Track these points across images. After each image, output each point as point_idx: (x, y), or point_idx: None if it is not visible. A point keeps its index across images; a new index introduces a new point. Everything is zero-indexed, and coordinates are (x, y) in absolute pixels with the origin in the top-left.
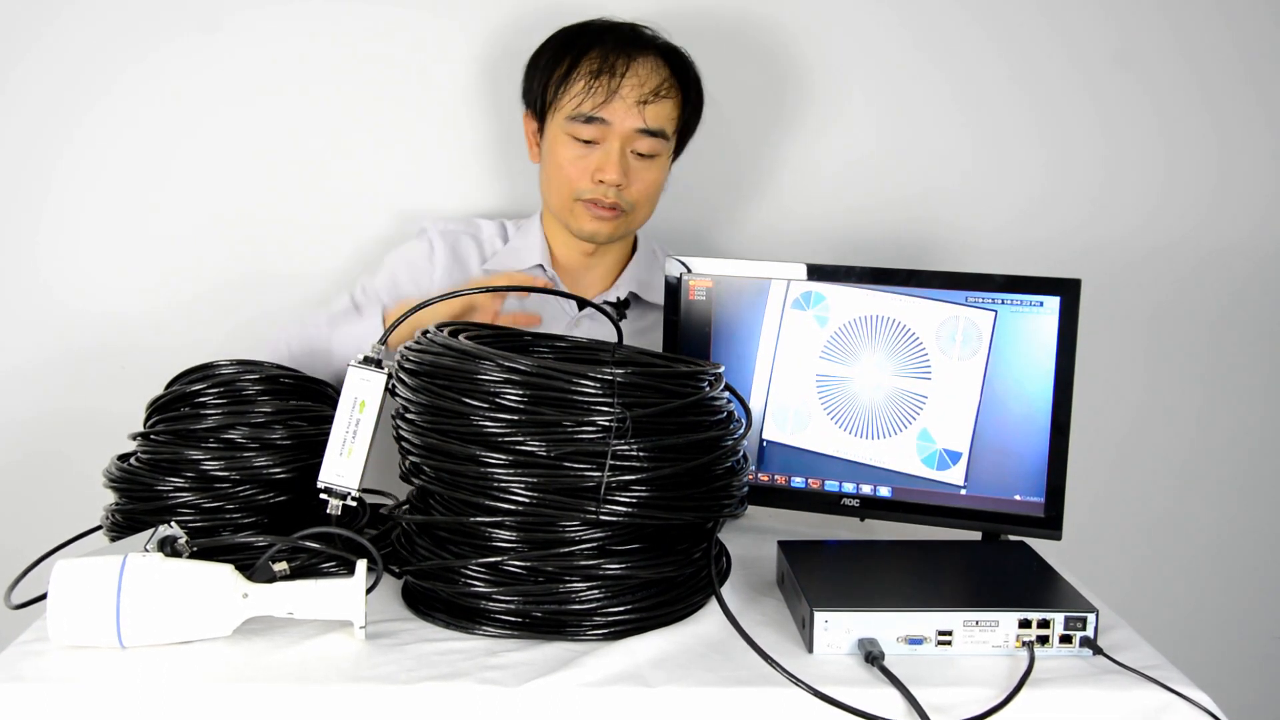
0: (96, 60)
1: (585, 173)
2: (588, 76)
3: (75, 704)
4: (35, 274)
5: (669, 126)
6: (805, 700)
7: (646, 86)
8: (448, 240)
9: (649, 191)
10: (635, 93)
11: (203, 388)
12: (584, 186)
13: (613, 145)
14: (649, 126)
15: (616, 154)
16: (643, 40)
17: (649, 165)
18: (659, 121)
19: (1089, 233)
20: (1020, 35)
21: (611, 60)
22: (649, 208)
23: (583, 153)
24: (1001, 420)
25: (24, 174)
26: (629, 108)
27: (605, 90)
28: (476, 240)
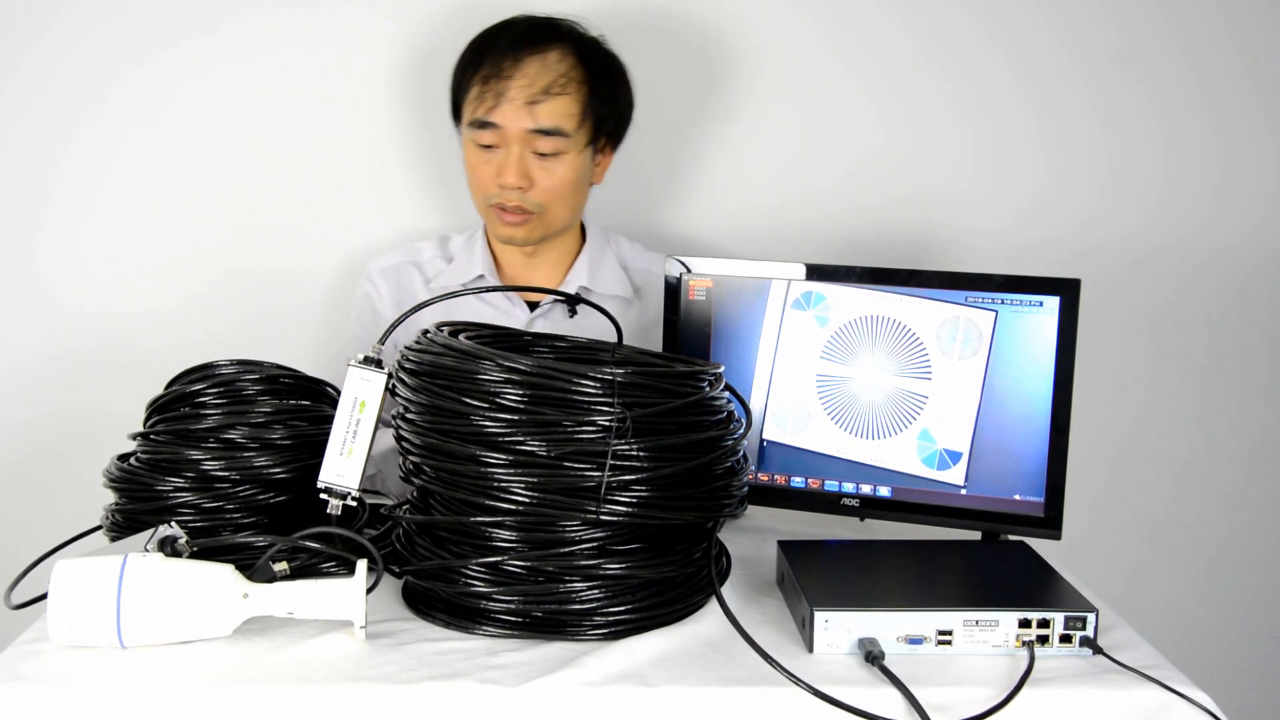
0: (97, 62)
1: (490, 177)
2: (480, 82)
3: (75, 704)
4: (35, 274)
5: (567, 123)
6: (805, 700)
7: (536, 86)
8: (389, 276)
9: (558, 190)
10: (524, 94)
11: (203, 388)
12: (491, 192)
13: (510, 148)
14: (541, 126)
15: (514, 157)
16: (539, 37)
17: (552, 164)
18: (553, 119)
19: (1089, 233)
20: (1021, 36)
21: (498, 63)
22: (565, 206)
23: (486, 157)
24: (1001, 420)
25: (24, 175)
26: (518, 109)
27: (494, 94)
28: (417, 265)
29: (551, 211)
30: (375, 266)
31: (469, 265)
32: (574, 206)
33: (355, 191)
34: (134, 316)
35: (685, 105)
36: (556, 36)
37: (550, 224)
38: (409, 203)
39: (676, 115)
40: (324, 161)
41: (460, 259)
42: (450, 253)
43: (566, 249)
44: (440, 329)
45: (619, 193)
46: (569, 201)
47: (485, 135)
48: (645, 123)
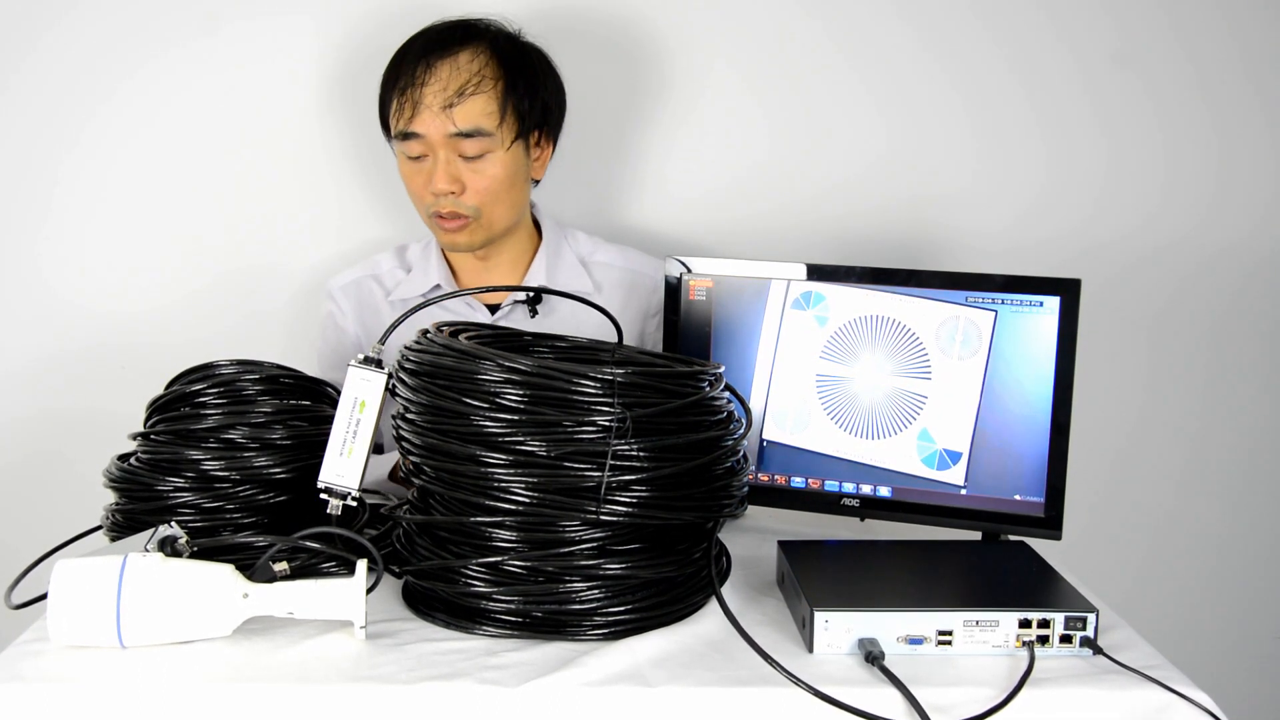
0: (97, 64)
1: (424, 188)
2: (397, 94)
3: (75, 704)
4: (36, 274)
5: (487, 122)
6: (805, 700)
7: (450, 89)
8: (349, 293)
9: (491, 190)
10: (439, 99)
11: (203, 388)
12: (428, 201)
13: (437, 155)
14: (461, 129)
15: (442, 164)
16: (448, 40)
17: (482, 165)
18: (471, 120)
19: (1090, 233)
20: (1021, 35)
21: (411, 72)
22: (505, 205)
23: (416, 168)
24: (1002, 420)
25: (25, 176)
26: (435, 115)
27: (411, 103)
28: (376, 278)
29: (488, 213)
30: (335, 284)
31: (425, 275)
32: (513, 204)
33: (356, 191)
34: (134, 316)
35: (686, 106)
36: (467, 37)
37: (491, 225)
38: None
39: (676, 116)
40: (325, 161)
41: (417, 268)
42: (408, 263)
43: (522, 249)
44: (440, 329)
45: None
46: (505, 200)
47: (411, 146)
48: (646, 122)
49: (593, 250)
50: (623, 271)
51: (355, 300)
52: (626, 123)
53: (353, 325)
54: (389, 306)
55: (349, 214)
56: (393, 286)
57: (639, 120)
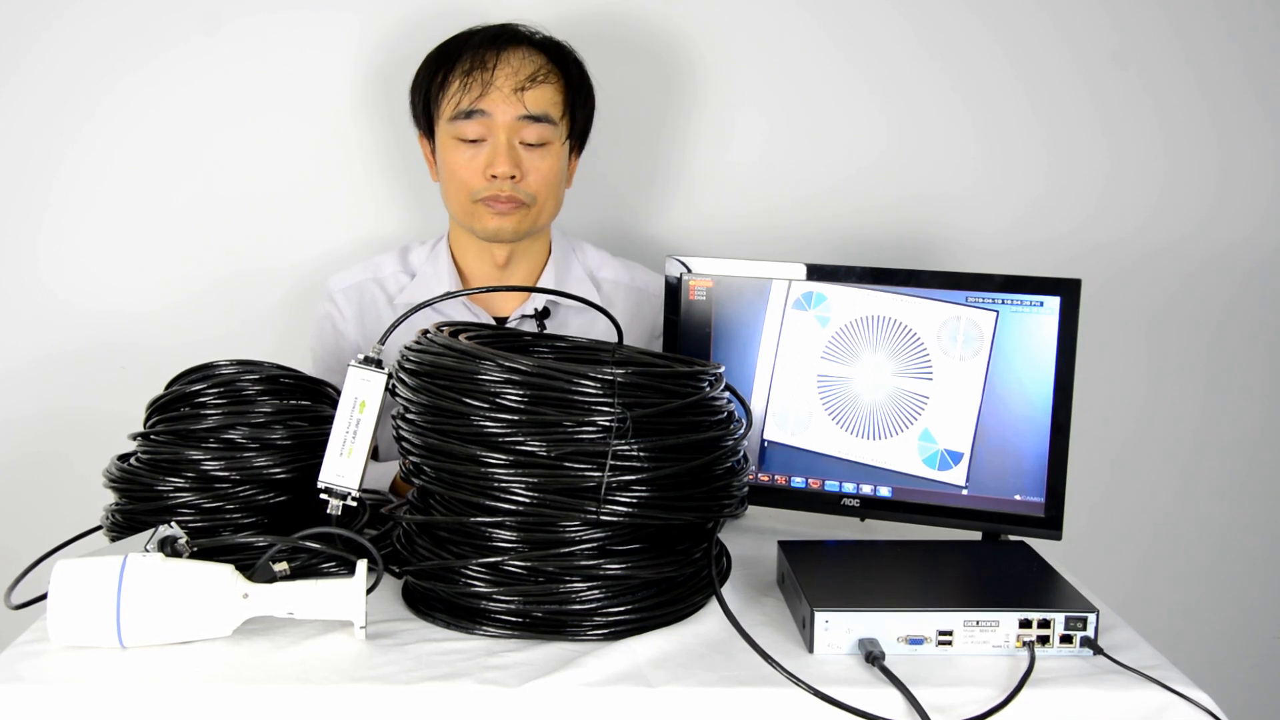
0: (97, 64)
1: (478, 172)
2: (461, 76)
3: (75, 704)
4: (36, 275)
5: (554, 111)
6: (806, 700)
7: (522, 73)
8: (350, 297)
9: (547, 180)
10: (511, 81)
11: (203, 388)
12: (479, 186)
13: (499, 138)
14: (531, 112)
15: (504, 146)
16: (512, 34)
17: (541, 154)
18: (541, 105)
19: (1090, 233)
20: (1021, 35)
21: (482, 55)
22: (552, 201)
23: (472, 153)
24: (1002, 420)
25: (25, 176)
26: (507, 96)
27: (480, 83)
28: (379, 282)
29: (541, 203)
30: (336, 286)
31: (434, 280)
32: (557, 203)
33: (356, 190)
34: (134, 316)
35: (687, 106)
36: (525, 37)
37: (538, 217)
38: (407, 200)
39: (676, 116)
40: (325, 161)
41: (424, 273)
42: (412, 267)
43: (535, 261)
44: (440, 329)
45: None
46: (555, 196)
47: (471, 128)
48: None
49: (600, 265)
50: (629, 289)
51: (357, 304)
52: (626, 122)
53: (353, 330)
54: (392, 311)
55: (349, 214)
56: (396, 291)
57: (638, 120)
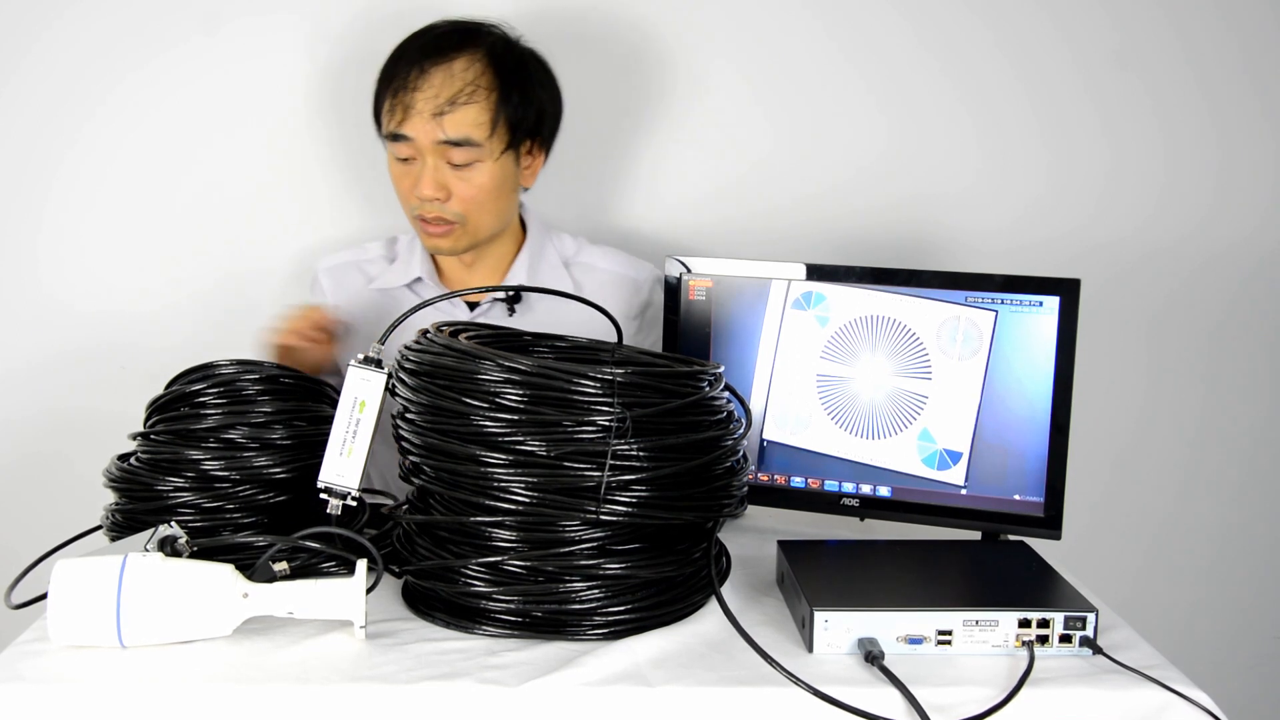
0: (97, 64)
1: (410, 191)
2: (390, 95)
3: (75, 704)
4: (36, 275)
5: (477, 132)
6: (805, 700)
7: (441, 96)
8: (333, 275)
9: (477, 199)
10: (430, 105)
11: (203, 387)
12: (413, 203)
13: (425, 160)
14: (450, 136)
15: (429, 169)
16: (446, 45)
17: (468, 174)
18: (460, 130)
19: (1090, 233)
20: (1022, 36)
21: (405, 75)
22: (490, 213)
23: (405, 170)
24: (1002, 420)
25: (25, 175)
26: (425, 121)
27: (402, 107)
28: (360, 265)
29: (474, 220)
30: (323, 265)
31: (408, 267)
32: (499, 213)
33: (356, 190)
34: (134, 316)
35: (687, 106)
36: (464, 42)
37: (476, 232)
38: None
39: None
40: (325, 160)
41: (401, 259)
42: (395, 253)
43: (506, 249)
44: (440, 329)
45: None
46: (491, 209)
47: (400, 148)
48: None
49: (576, 251)
50: (605, 274)
51: (337, 283)
52: (627, 123)
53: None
54: (369, 295)
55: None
56: (375, 275)
57: (639, 120)
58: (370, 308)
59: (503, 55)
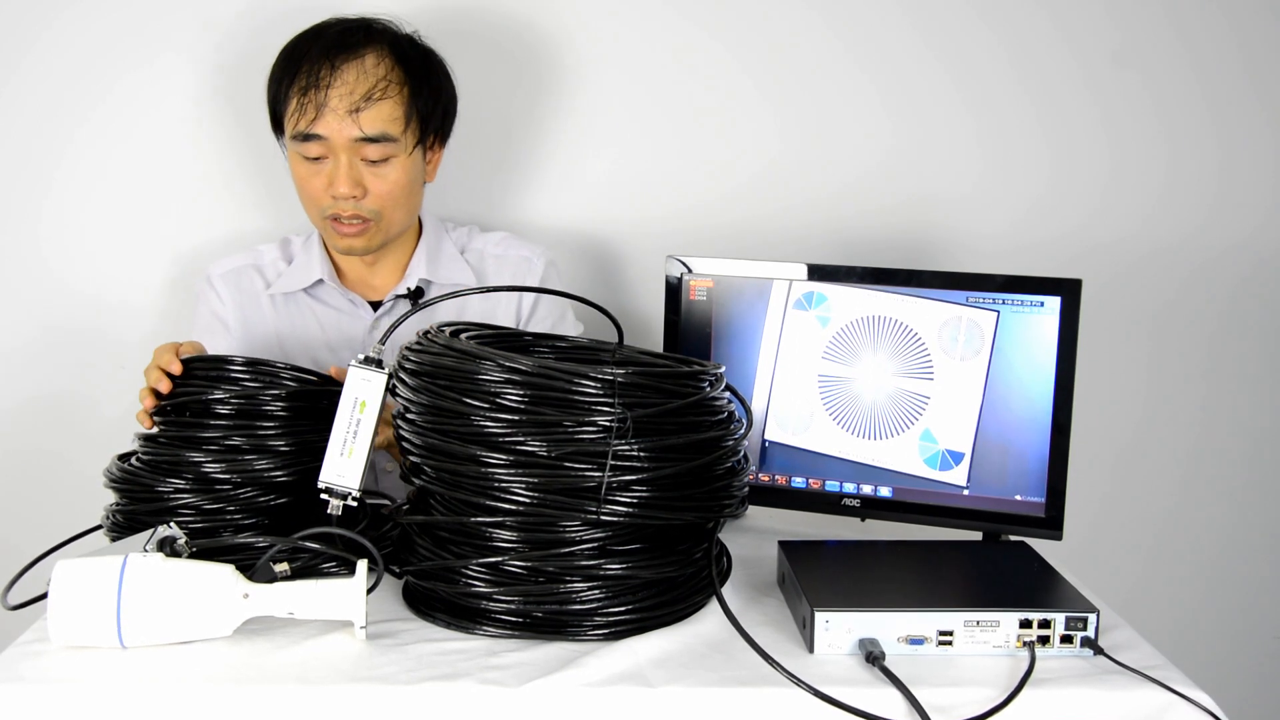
0: (99, 59)
1: (321, 189)
2: (298, 94)
3: (76, 704)
4: (36, 274)
5: (392, 127)
6: (806, 700)
7: (357, 93)
8: (229, 281)
9: (392, 194)
10: (345, 102)
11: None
12: (325, 203)
13: (339, 158)
14: (367, 134)
15: (344, 167)
16: (352, 42)
17: (383, 170)
18: (377, 125)
19: (1091, 233)
20: (1023, 36)
21: (315, 72)
22: (402, 209)
23: (315, 169)
24: (1003, 421)
25: (25, 175)
26: (341, 119)
27: (314, 105)
28: (258, 269)
29: (388, 217)
30: (216, 271)
31: (307, 268)
32: (410, 209)
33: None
34: (134, 316)
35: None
36: (370, 39)
37: (389, 229)
38: None
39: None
40: None
41: (299, 260)
42: (290, 254)
43: (404, 247)
44: (441, 329)
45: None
46: (404, 205)
47: (311, 148)
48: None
49: (469, 239)
50: (499, 259)
51: (234, 288)
52: (628, 122)
53: (232, 315)
54: (269, 299)
55: None
56: (273, 278)
57: (640, 120)
58: (271, 312)
59: (408, 51)
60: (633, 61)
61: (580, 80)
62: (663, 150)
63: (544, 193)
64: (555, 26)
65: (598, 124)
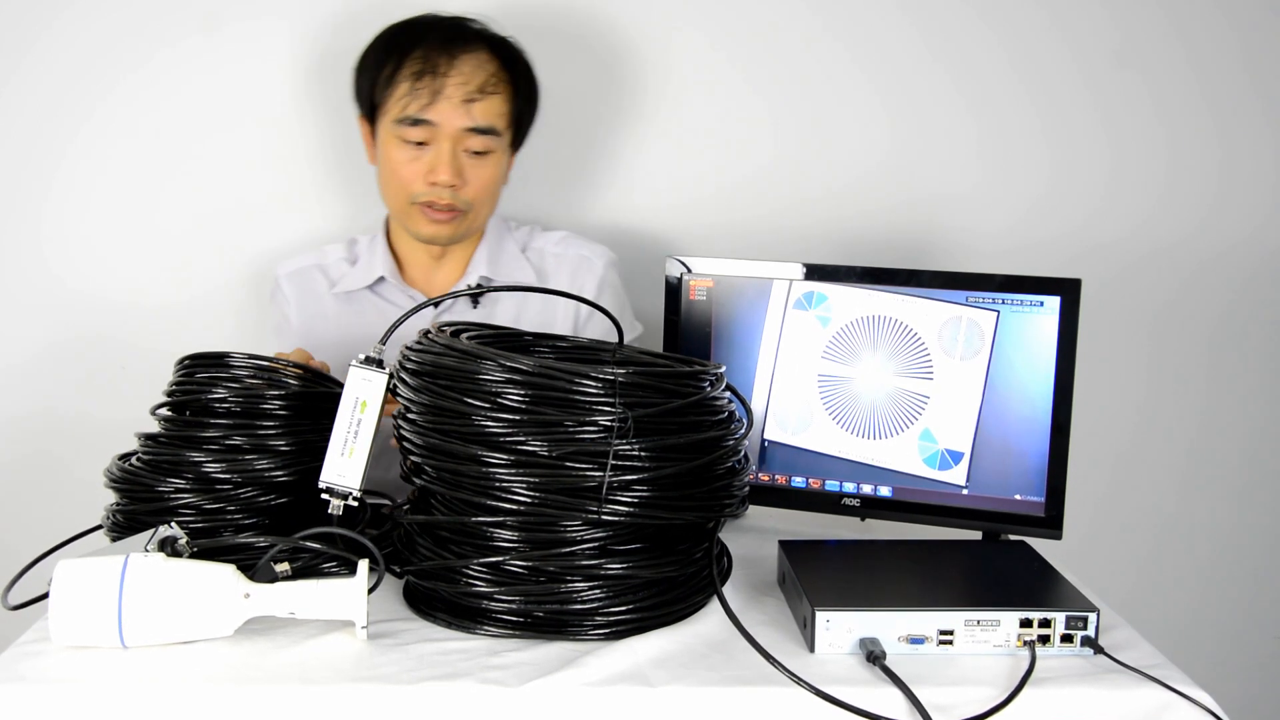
0: (98, 62)
1: (418, 175)
2: (411, 78)
3: (77, 704)
4: (37, 274)
5: (499, 122)
6: (807, 700)
7: (472, 84)
8: (294, 280)
9: (486, 188)
10: (460, 91)
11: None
12: (419, 189)
13: (443, 146)
14: (478, 124)
15: (448, 155)
16: (467, 35)
17: (483, 162)
18: (488, 118)
19: (1091, 233)
20: (1023, 36)
21: (434, 60)
22: (489, 205)
23: (414, 155)
24: (1003, 420)
25: (25, 175)
26: (455, 107)
27: (429, 91)
28: (322, 268)
29: (478, 210)
30: (282, 271)
31: (370, 267)
32: (493, 206)
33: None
34: (135, 316)
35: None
36: (480, 36)
37: (473, 222)
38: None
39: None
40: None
41: (363, 260)
42: (355, 255)
43: (469, 243)
44: (441, 329)
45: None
46: (491, 200)
47: (416, 132)
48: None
49: (530, 238)
50: (559, 258)
51: (299, 288)
52: (629, 122)
53: (294, 314)
54: (333, 299)
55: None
56: (337, 278)
57: (640, 120)
58: (333, 310)
59: (512, 55)
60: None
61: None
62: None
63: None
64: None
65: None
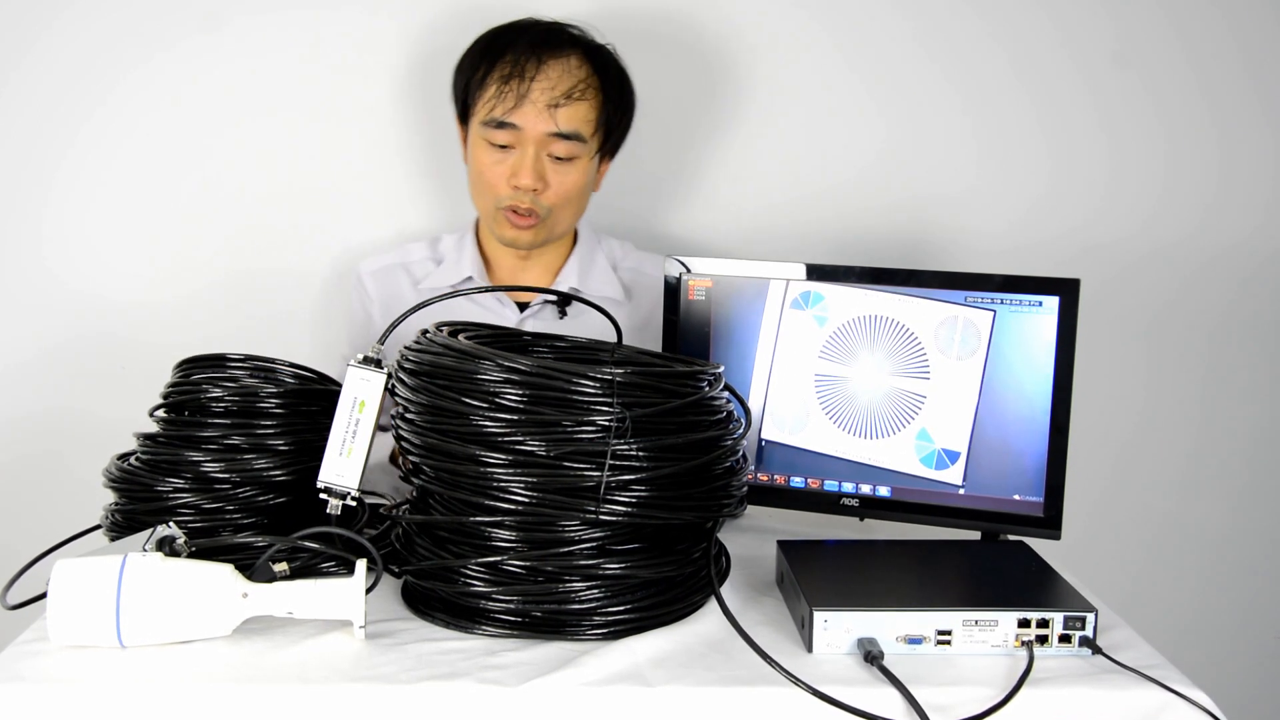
0: (100, 58)
1: (502, 178)
2: (499, 81)
3: (75, 704)
4: (36, 274)
5: (585, 129)
6: (805, 700)
7: (558, 89)
8: (378, 279)
9: (569, 194)
10: (546, 96)
11: (220, 394)
12: (503, 192)
13: (526, 150)
14: (562, 130)
15: (530, 159)
16: (558, 40)
17: (567, 168)
18: (572, 124)
19: (1090, 233)
20: (1022, 36)
21: (522, 64)
22: (572, 211)
23: (499, 158)
24: (1000, 420)
25: (26, 175)
26: (540, 111)
27: (515, 95)
28: (405, 267)
29: (558, 215)
30: (365, 269)
31: (458, 266)
32: (577, 213)
33: (359, 191)
34: (134, 316)
35: (687, 107)
36: (574, 42)
37: (554, 228)
38: (410, 202)
39: (678, 117)
40: (326, 160)
41: (449, 260)
42: (440, 254)
43: (559, 251)
44: (440, 329)
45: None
46: (575, 207)
47: (502, 135)
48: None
49: (624, 256)
50: (653, 279)
51: (382, 287)
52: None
53: (377, 312)
54: (416, 296)
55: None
56: (422, 277)
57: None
58: None
59: (605, 61)
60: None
61: None
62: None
63: None
64: None
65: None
